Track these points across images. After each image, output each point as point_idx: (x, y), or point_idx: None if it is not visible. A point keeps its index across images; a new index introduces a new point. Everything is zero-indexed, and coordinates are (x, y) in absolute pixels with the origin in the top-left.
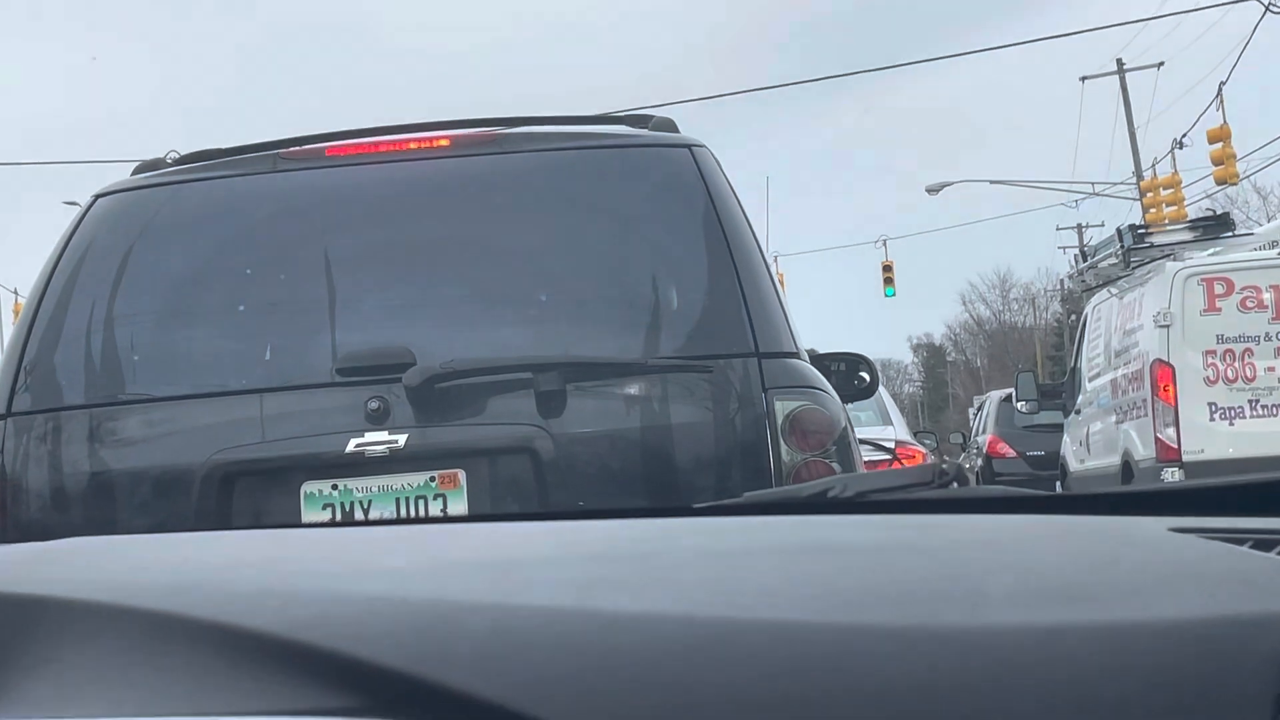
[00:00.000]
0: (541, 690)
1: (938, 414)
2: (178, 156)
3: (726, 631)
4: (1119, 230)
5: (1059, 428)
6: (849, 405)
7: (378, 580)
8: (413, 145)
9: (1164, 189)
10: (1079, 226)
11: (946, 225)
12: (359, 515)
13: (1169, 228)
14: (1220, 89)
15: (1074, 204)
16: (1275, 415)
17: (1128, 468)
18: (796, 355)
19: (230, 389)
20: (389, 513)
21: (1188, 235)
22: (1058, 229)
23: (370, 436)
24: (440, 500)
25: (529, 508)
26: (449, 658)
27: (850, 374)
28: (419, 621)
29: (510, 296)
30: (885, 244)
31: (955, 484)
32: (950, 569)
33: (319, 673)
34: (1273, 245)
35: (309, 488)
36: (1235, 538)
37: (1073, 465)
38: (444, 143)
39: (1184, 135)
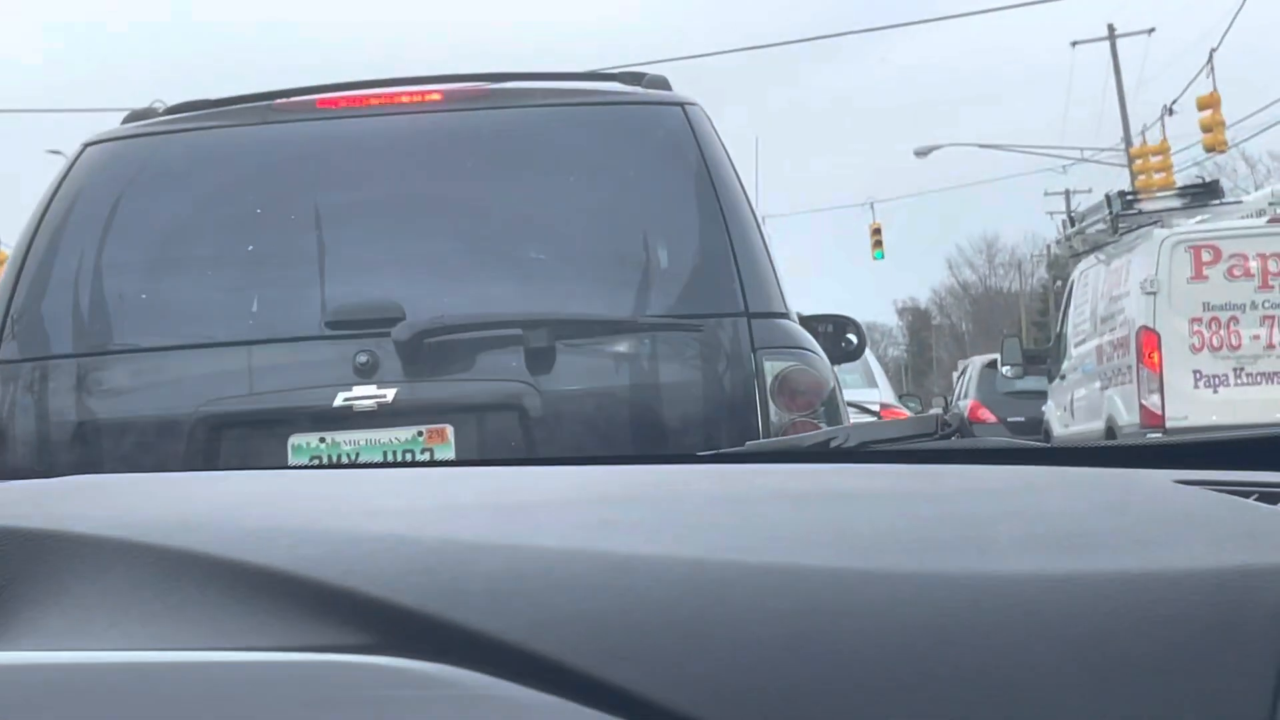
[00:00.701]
0: (553, 629)
1: (922, 378)
2: (166, 106)
3: (738, 574)
4: (1107, 196)
5: (1041, 394)
6: (835, 367)
7: (389, 520)
8: (405, 99)
9: (1153, 155)
10: (1066, 192)
11: (934, 188)
12: None
13: (1157, 194)
14: (1211, 55)
15: (1062, 169)
16: (1259, 383)
17: (1111, 433)
18: (786, 316)
19: (219, 340)
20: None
21: (1176, 202)
22: (1045, 194)
23: (358, 390)
24: (428, 454)
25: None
26: (461, 596)
27: (837, 336)
28: (431, 560)
29: (501, 253)
30: (874, 207)
31: (958, 435)
32: (958, 516)
33: (331, 610)
34: (1260, 214)
35: (296, 440)
36: (1241, 490)
37: (1056, 430)
38: (436, 97)
39: (1174, 102)
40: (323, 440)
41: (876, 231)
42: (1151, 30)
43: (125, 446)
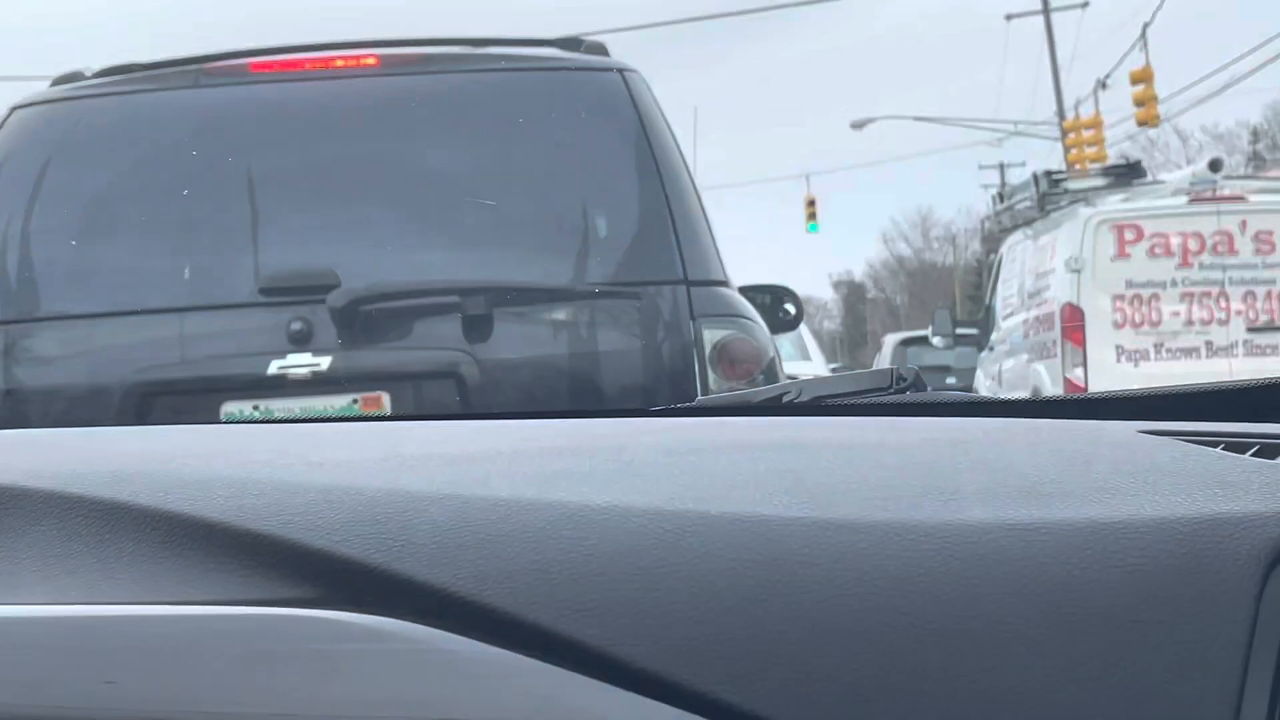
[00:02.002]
0: (503, 581)
1: (856, 350)
2: (95, 71)
3: (695, 525)
4: (1034, 175)
5: (946, 369)
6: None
7: (333, 471)
8: (339, 63)
9: (1086, 129)
10: (1001, 165)
11: (870, 161)
12: None
13: (1083, 174)
14: (1144, 30)
15: (997, 143)
16: (1178, 358)
17: None
18: (725, 284)
19: (150, 307)
20: None
21: (1100, 182)
22: (980, 168)
23: (292, 358)
24: None
25: None
26: (408, 547)
27: (775, 306)
28: (377, 511)
29: (437, 219)
30: (808, 179)
31: (913, 390)
32: (920, 466)
33: (273, 563)
34: (1181, 194)
35: (229, 408)
36: (1206, 440)
37: None
38: (371, 61)
39: (1107, 76)
40: (256, 408)
41: (811, 204)
42: (1086, 4)
43: (55, 414)
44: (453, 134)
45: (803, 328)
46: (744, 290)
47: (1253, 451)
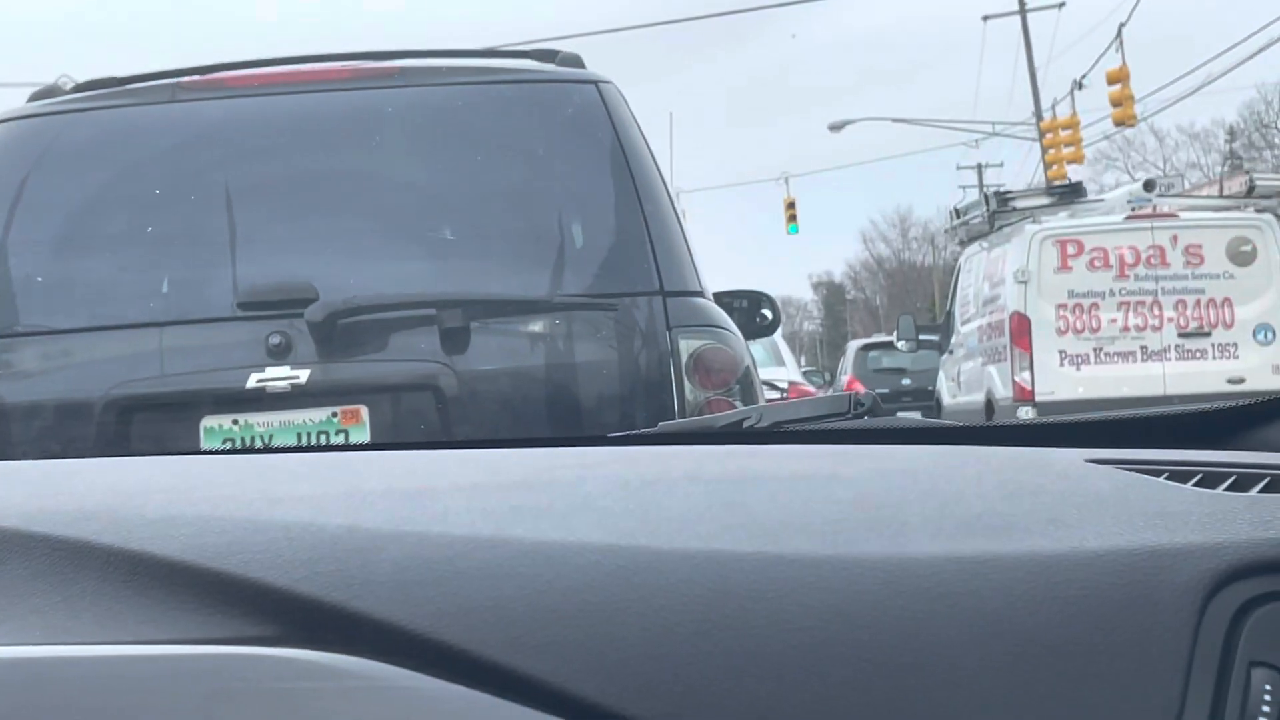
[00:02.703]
0: (461, 619)
1: (836, 351)
2: (73, 84)
3: (648, 560)
4: (985, 194)
5: (901, 372)
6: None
7: (292, 507)
8: (315, 76)
9: (1063, 129)
10: (979, 166)
11: (849, 163)
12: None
13: (1029, 193)
14: (1120, 30)
15: (975, 144)
16: (1115, 361)
17: (990, 405)
18: (701, 294)
19: (128, 322)
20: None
21: (1045, 200)
22: (958, 168)
23: (271, 372)
24: (342, 436)
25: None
26: (367, 585)
27: (752, 311)
28: (336, 549)
29: (414, 232)
30: (788, 181)
31: (870, 415)
32: (870, 499)
33: (233, 601)
34: (1118, 211)
35: (209, 422)
36: (1151, 469)
37: (946, 400)
38: (347, 74)
39: (1083, 76)
40: (235, 422)
41: (790, 205)
42: (1062, 4)
43: (33, 430)
44: (428, 146)
45: (777, 334)
46: (721, 295)
47: (1195, 481)
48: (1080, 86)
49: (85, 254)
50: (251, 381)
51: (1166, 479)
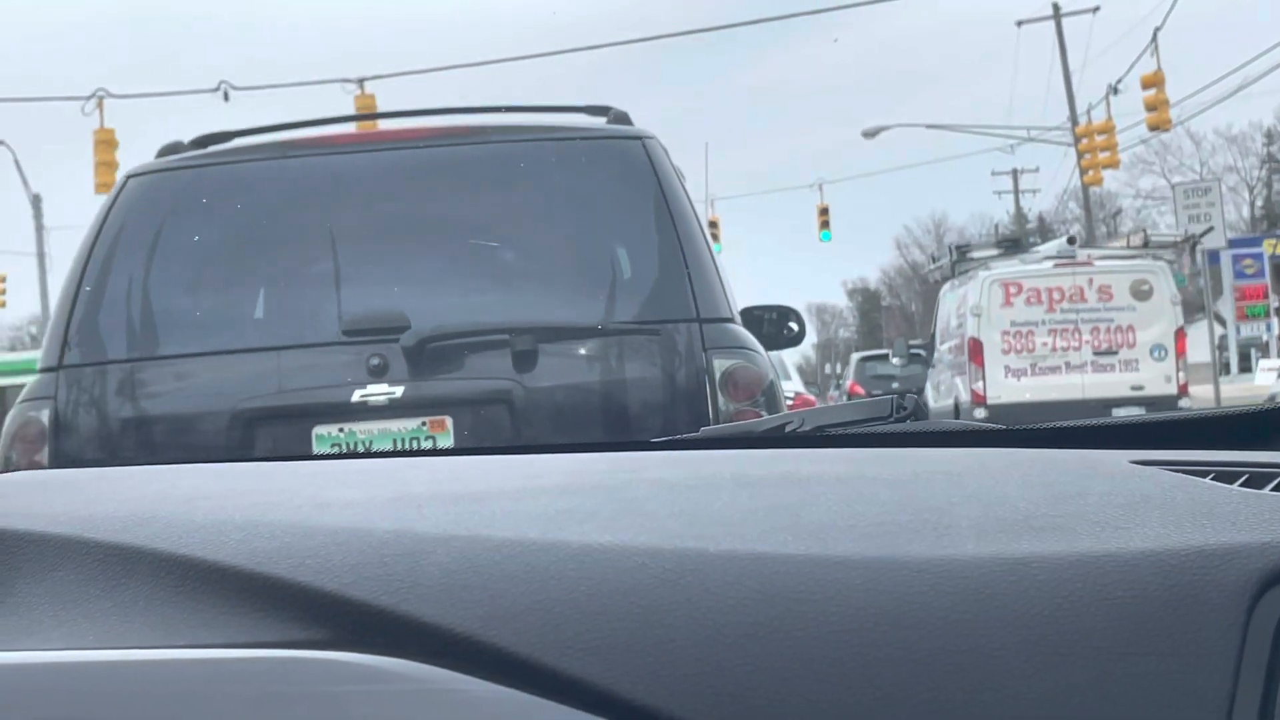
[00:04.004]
0: (509, 622)
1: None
2: (191, 140)
3: (694, 562)
4: (949, 248)
5: (891, 378)
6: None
7: (341, 513)
8: (402, 134)
9: (1098, 134)
10: (1014, 171)
11: (883, 169)
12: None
13: (981, 245)
14: (1155, 34)
15: (1009, 149)
16: (1046, 374)
17: (957, 406)
18: (732, 320)
19: (251, 346)
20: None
21: (995, 252)
22: (993, 174)
23: (371, 388)
24: (430, 442)
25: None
26: (416, 589)
27: (781, 324)
28: (384, 553)
29: (490, 268)
30: (821, 188)
31: (912, 418)
32: (915, 500)
33: (284, 605)
34: (1049, 259)
35: (319, 430)
36: (1197, 470)
37: (931, 403)
38: (430, 133)
39: (1119, 81)
40: (341, 430)
41: (824, 212)
42: (1096, 9)
43: (173, 438)
44: (500, 195)
45: (783, 351)
46: (753, 310)
47: (1241, 481)
48: (1115, 91)
49: (212, 290)
50: (355, 396)
51: (1212, 479)
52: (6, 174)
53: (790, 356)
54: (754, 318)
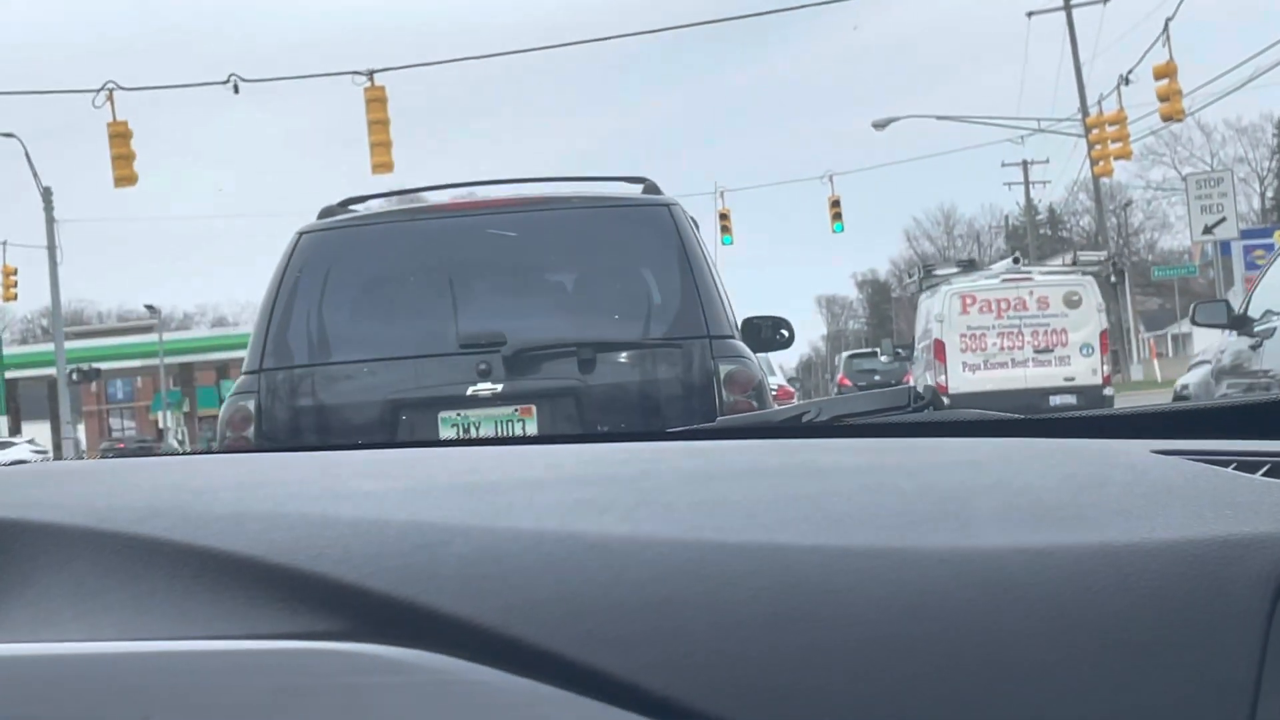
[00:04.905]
0: (528, 613)
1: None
2: (341, 201)
3: (715, 554)
4: (918, 266)
5: (873, 372)
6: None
7: (359, 503)
8: (499, 202)
9: (1110, 125)
10: (1024, 163)
11: (893, 161)
12: (473, 434)
13: (944, 264)
14: (1167, 24)
15: (1020, 140)
16: (996, 369)
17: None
18: (733, 336)
19: (397, 355)
20: (490, 431)
21: (955, 270)
22: (1003, 165)
23: (480, 385)
24: (520, 424)
25: (573, 429)
26: (434, 580)
27: (774, 331)
28: (403, 544)
29: (561, 300)
30: (832, 179)
31: (930, 408)
32: (935, 490)
33: (302, 596)
34: (998, 276)
35: (444, 415)
36: (1218, 459)
37: None
38: (518, 201)
39: (1130, 71)
40: (458, 414)
41: (835, 204)
42: (1107, 0)
43: (340, 420)
44: (567, 247)
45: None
46: (752, 320)
47: (1264, 471)
48: (1127, 81)
49: (365, 316)
50: (468, 391)
51: (1235, 469)
52: (16, 166)
53: (800, 348)
54: (753, 326)
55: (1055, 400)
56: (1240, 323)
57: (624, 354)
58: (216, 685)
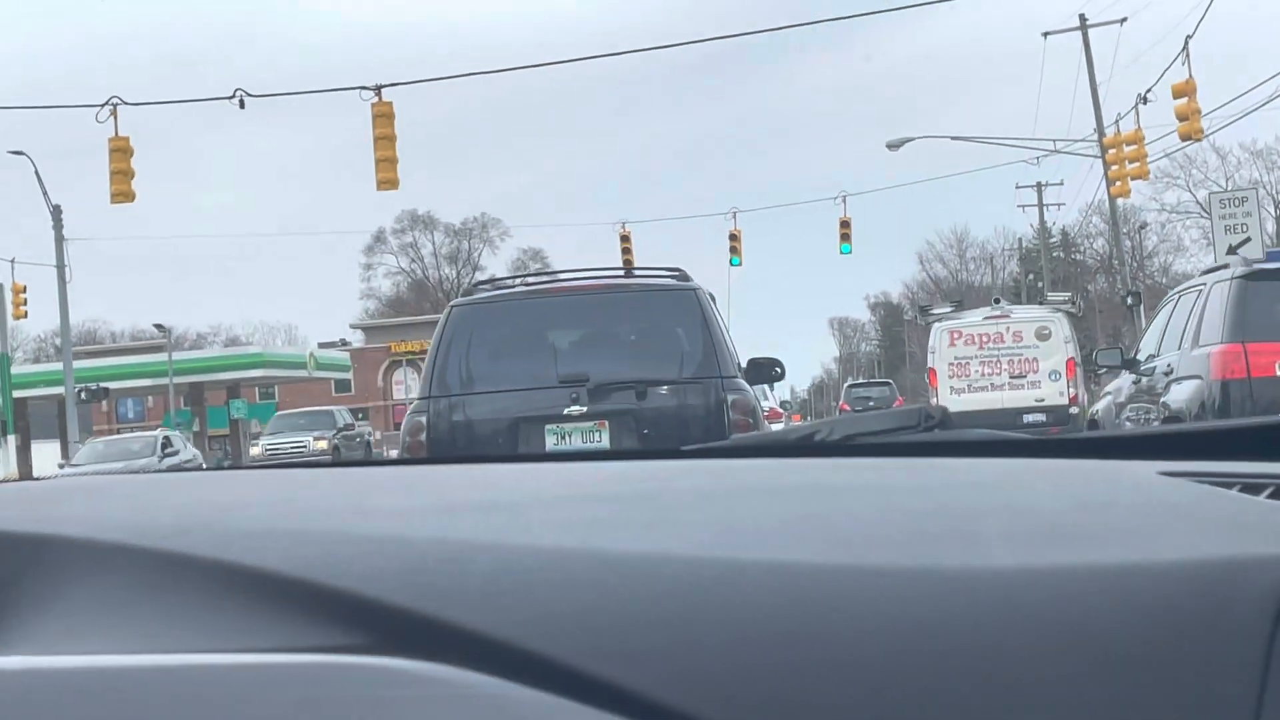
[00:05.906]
0: (546, 627)
1: (893, 372)
2: (477, 282)
3: (727, 571)
4: (918, 307)
5: (868, 399)
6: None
7: (382, 519)
8: (585, 288)
9: (1127, 145)
10: (1039, 185)
11: (906, 182)
12: (568, 445)
13: (940, 303)
14: (1186, 42)
15: (1035, 161)
16: (978, 392)
17: None
18: (736, 376)
19: (519, 387)
20: (579, 439)
21: (949, 309)
22: (1017, 187)
23: (573, 408)
24: (597, 433)
25: (633, 437)
26: (454, 596)
27: (769, 368)
28: (425, 560)
29: (624, 352)
30: (844, 200)
31: (940, 428)
32: (945, 510)
33: (327, 611)
34: (981, 314)
35: (549, 427)
36: (1223, 481)
37: None
38: (597, 286)
39: (1148, 90)
40: (559, 427)
41: (845, 225)
42: (1123, 20)
43: (485, 434)
44: (628, 316)
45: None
46: (752, 360)
47: (1268, 493)
48: (1145, 100)
49: (499, 361)
50: (565, 411)
51: (1239, 491)
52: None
53: (812, 370)
54: (755, 363)
55: (1028, 419)
56: (1131, 364)
57: (665, 388)
58: (242, 697)
